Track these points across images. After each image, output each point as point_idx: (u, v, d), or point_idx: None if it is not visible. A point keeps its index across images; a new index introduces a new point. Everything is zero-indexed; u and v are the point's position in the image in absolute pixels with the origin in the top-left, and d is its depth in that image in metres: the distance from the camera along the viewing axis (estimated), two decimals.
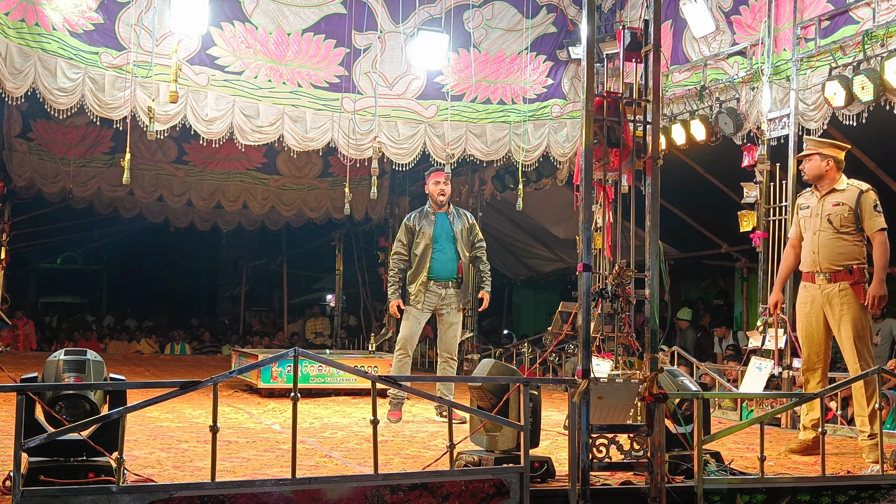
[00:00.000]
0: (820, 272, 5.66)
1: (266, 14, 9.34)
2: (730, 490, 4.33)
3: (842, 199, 5.62)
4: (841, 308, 5.54)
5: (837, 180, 5.69)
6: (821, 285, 5.64)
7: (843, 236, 5.59)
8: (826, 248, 5.63)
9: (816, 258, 5.68)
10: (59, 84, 8.35)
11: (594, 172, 4.37)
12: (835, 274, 5.59)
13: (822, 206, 5.70)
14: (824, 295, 5.63)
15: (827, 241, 5.63)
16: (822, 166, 5.70)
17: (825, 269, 5.63)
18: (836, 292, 5.57)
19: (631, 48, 4.59)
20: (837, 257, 5.59)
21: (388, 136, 9.93)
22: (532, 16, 10.20)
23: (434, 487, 3.92)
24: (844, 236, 5.58)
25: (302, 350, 4.01)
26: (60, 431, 3.62)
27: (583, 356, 4.15)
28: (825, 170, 5.70)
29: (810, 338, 5.76)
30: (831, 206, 5.64)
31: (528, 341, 12.88)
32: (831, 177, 5.70)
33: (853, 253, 5.57)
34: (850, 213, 5.56)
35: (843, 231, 5.58)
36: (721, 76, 8.84)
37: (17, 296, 17.35)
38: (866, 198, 5.56)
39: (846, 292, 5.53)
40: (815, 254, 5.69)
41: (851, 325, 5.50)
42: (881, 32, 7.07)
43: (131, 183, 11.05)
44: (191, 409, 7.33)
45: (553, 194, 12.64)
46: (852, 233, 5.57)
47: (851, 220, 5.56)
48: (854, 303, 5.52)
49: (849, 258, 5.56)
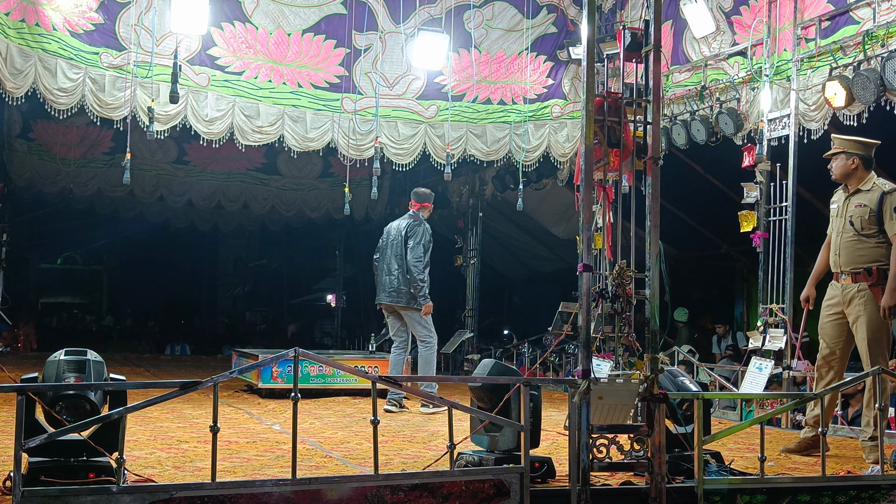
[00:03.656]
0: (841, 273, 5.60)
1: (266, 14, 9.34)
2: (730, 490, 4.33)
3: (864, 201, 5.51)
4: (858, 309, 5.48)
5: (864, 179, 5.56)
6: (843, 285, 5.59)
7: (864, 239, 5.49)
8: (846, 251, 5.56)
9: (837, 260, 5.63)
10: (59, 84, 8.35)
11: (594, 173, 4.37)
12: (855, 275, 5.52)
13: (847, 207, 5.61)
14: (845, 295, 5.57)
15: (847, 242, 5.56)
16: (847, 165, 5.59)
17: (846, 270, 5.56)
18: (855, 293, 5.51)
19: (631, 48, 4.60)
20: (857, 259, 5.51)
21: (388, 136, 9.93)
22: (532, 16, 10.20)
23: (434, 487, 3.92)
24: (866, 239, 5.48)
25: (302, 350, 4.01)
26: (61, 431, 3.62)
27: (583, 356, 4.15)
28: (851, 168, 5.58)
29: (828, 334, 5.70)
30: (854, 207, 5.55)
31: (528, 341, 12.89)
32: (858, 176, 5.57)
33: (874, 255, 5.46)
34: (871, 216, 5.45)
35: (864, 233, 5.49)
36: (721, 76, 8.84)
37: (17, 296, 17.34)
38: (889, 199, 5.42)
39: (864, 293, 5.46)
40: (836, 255, 5.64)
41: (867, 326, 5.44)
42: (881, 33, 7.07)
43: (131, 183, 11.06)
44: (191, 409, 7.33)
45: (553, 194, 12.65)
46: (874, 235, 5.46)
47: (873, 221, 5.45)
48: (871, 304, 5.44)
49: (869, 260, 5.47)
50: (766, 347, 7.79)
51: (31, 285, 22.94)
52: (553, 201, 13.19)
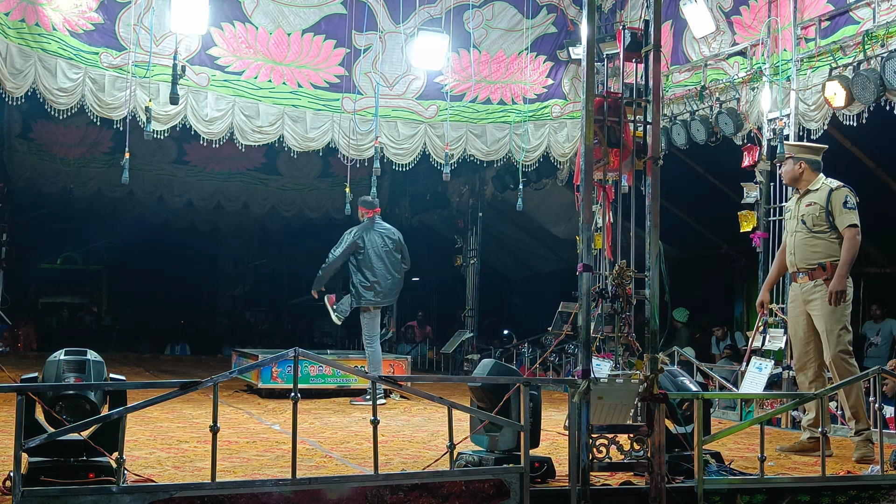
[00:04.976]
0: (798, 272, 5.77)
1: (266, 14, 9.34)
2: (730, 490, 4.34)
3: (814, 199, 5.70)
4: (818, 304, 5.61)
5: (812, 181, 5.76)
6: (801, 284, 5.75)
7: (816, 235, 5.66)
8: (800, 248, 5.74)
9: (793, 259, 5.80)
10: (59, 84, 8.35)
11: (594, 173, 4.37)
12: (811, 272, 5.68)
13: (798, 208, 5.81)
14: (804, 293, 5.73)
15: (801, 241, 5.74)
16: (795, 170, 5.82)
17: (801, 268, 5.73)
18: (812, 289, 5.66)
19: (631, 48, 4.60)
20: (811, 256, 5.68)
21: (388, 136, 9.93)
22: (532, 16, 10.20)
23: (434, 487, 3.92)
24: (818, 235, 5.66)
25: (302, 350, 4.01)
26: (60, 431, 3.62)
27: (583, 356, 4.15)
28: (798, 172, 5.81)
29: (797, 336, 5.84)
30: (805, 206, 5.75)
31: (527, 341, 12.88)
32: (805, 178, 5.79)
33: (827, 250, 5.62)
34: (821, 212, 5.63)
35: (816, 230, 5.66)
36: (721, 76, 8.84)
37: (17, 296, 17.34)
38: (836, 195, 5.61)
39: (820, 287, 5.61)
40: (792, 255, 5.81)
41: (824, 318, 5.57)
42: (881, 32, 7.07)
43: (131, 183, 11.06)
44: (191, 409, 7.32)
45: (553, 194, 12.65)
46: (826, 231, 5.63)
47: (823, 218, 5.63)
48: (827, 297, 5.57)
49: (822, 256, 5.63)
50: (765, 347, 7.79)
51: (31, 285, 22.93)
52: (553, 201, 13.18)
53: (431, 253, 16.78)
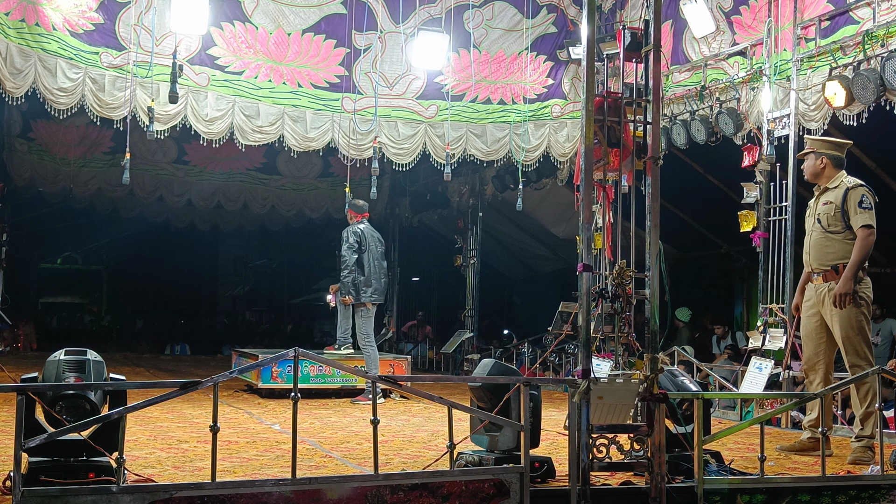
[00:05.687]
0: (813, 272, 5.65)
1: (266, 14, 9.34)
2: (730, 490, 4.33)
3: (830, 198, 5.56)
4: (832, 308, 5.49)
5: (833, 178, 5.60)
6: (817, 285, 5.63)
7: (830, 236, 5.52)
8: (815, 249, 5.61)
9: (808, 259, 5.68)
10: (59, 84, 8.35)
11: (594, 172, 4.37)
12: (825, 273, 5.56)
13: (816, 206, 5.67)
14: (819, 295, 5.61)
15: (816, 241, 5.61)
16: (816, 165, 5.66)
17: (816, 269, 5.61)
18: (826, 292, 5.54)
19: (631, 48, 4.60)
20: (825, 257, 5.55)
21: (388, 136, 9.93)
22: (532, 16, 10.20)
23: (434, 487, 3.92)
24: (832, 235, 5.51)
25: (302, 350, 4.01)
26: (60, 431, 3.62)
27: (583, 356, 4.15)
28: (820, 168, 5.64)
29: (809, 336, 5.73)
30: (822, 205, 5.60)
31: (527, 341, 12.88)
32: (827, 175, 5.62)
33: (841, 251, 5.48)
34: (836, 212, 5.49)
35: (830, 230, 5.52)
36: (721, 76, 8.84)
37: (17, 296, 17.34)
38: (852, 194, 5.46)
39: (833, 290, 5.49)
40: (807, 254, 5.69)
41: (839, 323, 5.46)
42: (881, 32, 7.07)
43: (131, 183, 11.05)
44: (191, 409, 7.33)
45: (553, 194, 12.65)
46: (840, 231, 5.49)
47: (839, 217, 5.48)
48: None
49: (836, 257, 5.50)
50: (765, 347, 7.79)
51: (31, 285, 22.94)
52: (553, 201, 13.19)
53: (431, 253, 16.79)
